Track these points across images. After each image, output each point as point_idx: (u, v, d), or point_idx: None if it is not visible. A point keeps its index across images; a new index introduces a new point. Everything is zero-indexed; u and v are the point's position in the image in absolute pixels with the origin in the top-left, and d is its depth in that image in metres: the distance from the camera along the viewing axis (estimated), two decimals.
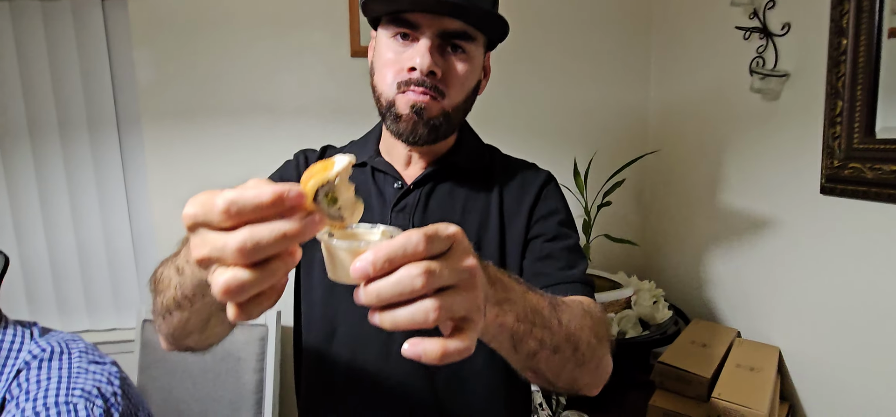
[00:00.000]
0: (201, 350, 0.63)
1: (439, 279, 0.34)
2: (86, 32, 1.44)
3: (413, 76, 0.66)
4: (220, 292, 0.32)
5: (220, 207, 0.32)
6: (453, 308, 0.35)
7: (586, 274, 0.72)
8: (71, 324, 1.54)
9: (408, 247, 0.34)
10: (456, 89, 0.68)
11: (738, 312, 1.28)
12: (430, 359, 0.35)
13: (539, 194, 0.77)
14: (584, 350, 0.56)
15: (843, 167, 0.93)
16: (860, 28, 0.88)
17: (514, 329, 0.47)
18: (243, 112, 1.47)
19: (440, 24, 0.65)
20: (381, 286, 0.34)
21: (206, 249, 0.33)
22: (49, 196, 1.49)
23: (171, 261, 0.51)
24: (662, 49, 1.57)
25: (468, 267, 0.36)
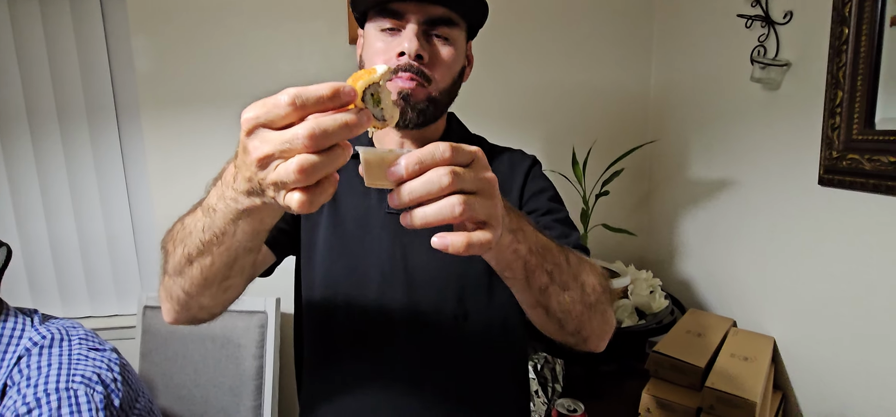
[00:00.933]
0: (209, 317, 0.63)
1: (463, 181, 0.39)
2: (83, 21, 1.43)
3: (401, 61, 0.68)
4: (295, 171, 0.35)
5: (286, 101, 0.35)
6: (475, 208, 0.39)
7: (580, 241, 0.73)
8: (73, 311, 1.55)
9: (436, 154, 0.39)
10: (442, 73, 0.70)
11: (734, 302, 1.28)
12: (455, 249, 0.39)
13: (527, 175, 0.80)
14: (591, 292, 0.58)
15: (842, 158, 0.92)
16: (863, 17, 0.87)
17: (527, 259, 0.50)
18: (242, 100, 1.45)
19: (425, 12, 0.68)
20: (413, 185, 0.38)
21: (269, 147, 0.36)
22: (49, 184, 1.49)
23: (194, 210, 0.53)
24: (664, 37, 1.55)
25: (488, 177, 0.41)
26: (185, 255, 0.54)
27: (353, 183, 0.73)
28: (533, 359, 1.17)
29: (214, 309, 0.61)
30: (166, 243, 0.59)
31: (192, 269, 0.54)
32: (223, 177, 0.47)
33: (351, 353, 0.73)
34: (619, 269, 1.40)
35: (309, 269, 0.76)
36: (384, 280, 0.72)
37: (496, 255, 0.50)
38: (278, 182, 0.37)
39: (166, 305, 0.62)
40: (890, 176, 0.83)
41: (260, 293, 1.37)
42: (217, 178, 0.49)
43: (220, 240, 0.50)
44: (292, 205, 0.37)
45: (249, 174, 0.40)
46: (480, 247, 0.40)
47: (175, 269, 0.56)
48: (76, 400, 0.87)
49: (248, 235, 0.49)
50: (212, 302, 0.59)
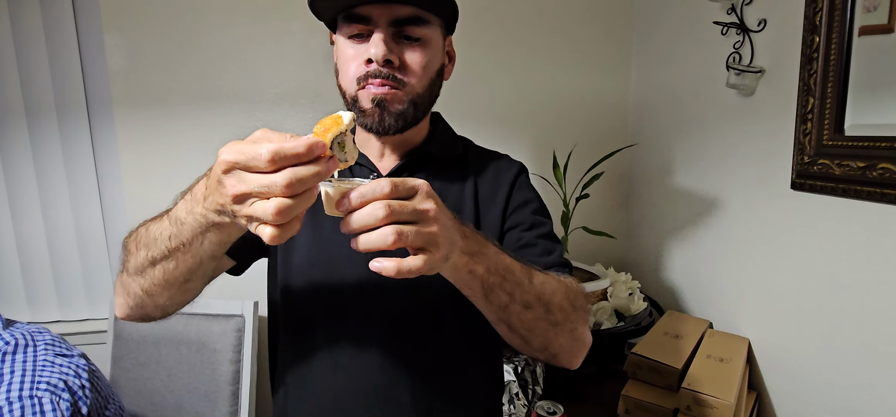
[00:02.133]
0: (162, 316, 0.66)
1: (397, 214, 0.45)
2: (53, 15, 1.39)
3: (371, 69, 0.66)
4: (273, 213, 0.41)
5: (266, 156, 0.41)
6: (408, 237, 0.45)
7: (563, 256, 0.74)
8: (41, 315, 1.50)
9: (376, 190, 0.45)
10: (415, 76, 0.68)
11: (711, 304, 1.30)
12: (388, 273, 0.45)
13: (513, 184, 0.78)
14: (556, 312, 0.60)
15: (813, 163, 0.95)
16: (832, 26, 0.90)
17: (485, 278, 0.55)
18: (220, 99, 1.44)
19: (391, 13, 0.65)
20: (356, 216, 0.45)
21: (247, 187, 0.42)
22: (15, 183, 1.44)
23: (161, 218, 0.57)
24: (643, 43, 1.57)
25: (424, 209, 0.47)
26: (149, 258, 0.57)
27: None
28: (513, 361, 1.17)
29: (169, 309, 0.64)
30: (129, 243, 0.62)
31: (154, 271, 0.57)
32: (194, 192, 0.51)
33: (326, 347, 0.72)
34: (599, 272, 1.41)
35: (286, 268, 0.75)
36: (361, 285, 0.71)
37: (452, 275, 0.54)
38: (253, 216, 0.42)
39: (120, 300, 0.64)
40: (858, 181, 0.86)
41: (238, 296, 1.35)
42: (187, 191, 0.53)
43: (186, 249, 0.53)
44: (264, 237, 0.42)
45: (223, 202, 0.44)
46: (410, 272, 0.46)
47: (136, 269, 0.59)
48: (41, 408, 0.84)
49: (215, 245, 0.53)
50: (169, 303, 0.62)
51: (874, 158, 0.82)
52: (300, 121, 1.47)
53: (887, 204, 0.82)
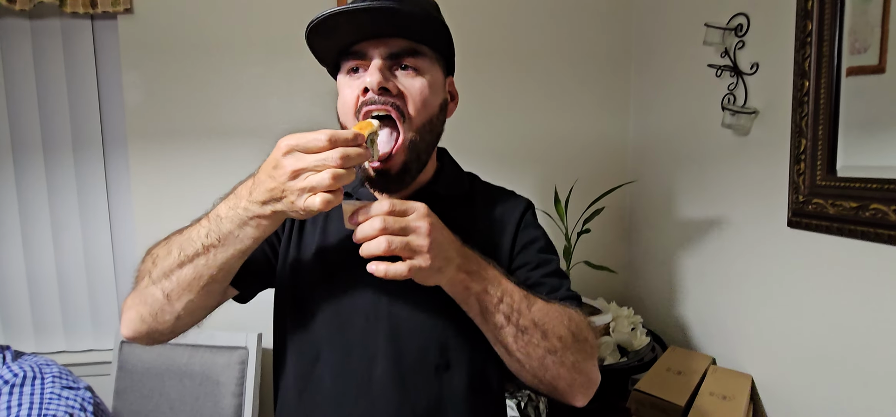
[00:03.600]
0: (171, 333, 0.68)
1: (389, 226, 0.54)
2: (74, 52, 1.45)
3: (367, 97, 0.66)
4: (330, 177, 0.52)
5: (324, 138, 0.52)
6: (398, 247, 0.54)
7: (570, 289, 0.75)
8: (47, 345, 1.51)
9: (378, 207, 0.55)
10: (416, 104, 0.67)
11: (713, 340, 1.30)
12: (378, 274, 0.55)
13: (519, 223, 0.79)
14: (555, 341, 0.62)
15: (808, 202, 0.97)
16: (821, 71, 0.94)
17: (480, 296, 0.61)
18: (230, 135, 1.48)
19: (386, 47, 0.67)
20: (360, 228, 0.55)
21: (304, 163, 0.53)
22: (30, 215, 1.47)
23: (197, 222, 0.63)
24: (641, 83, 1.62)
25: (416, 225, 0.56)
26: (179, 259, 0.62)
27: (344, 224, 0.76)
28: (516, 396, 1.17)
29: (183, 318, 0.66)
30: (156, 249, 0.67)
31: (181, 272, 0.62)
32: (237, 192, 0.61)
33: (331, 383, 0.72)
34: (601, 306, 1.42)
35: (292, 303, 0.76)
36: (368, 323, 0.71)
37: (450, 289, 0.61)
38: (307, 187, 0.53)
39: (132, 313, 0.66)
40: (852, 220, 0.88)
41: (241, 328, 1.36)
42: (228, 194, 0.62)
43: (222, 243, 0.60)
44: (316, 205, 0.52)
45: (274, 184, 0.54)
46: (397, 276, 0.55)
47: (162, 273, 0.63)
48: None
49: (249, 241, 0.60)
50: (184, 311, 0.65)
51: (866, 199, 0.85)
52: None
53: (881, 243, 0.84)
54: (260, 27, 1.47)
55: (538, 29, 1.60)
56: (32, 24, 1.42)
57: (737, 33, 1.18)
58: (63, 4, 1.36)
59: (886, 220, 0.81)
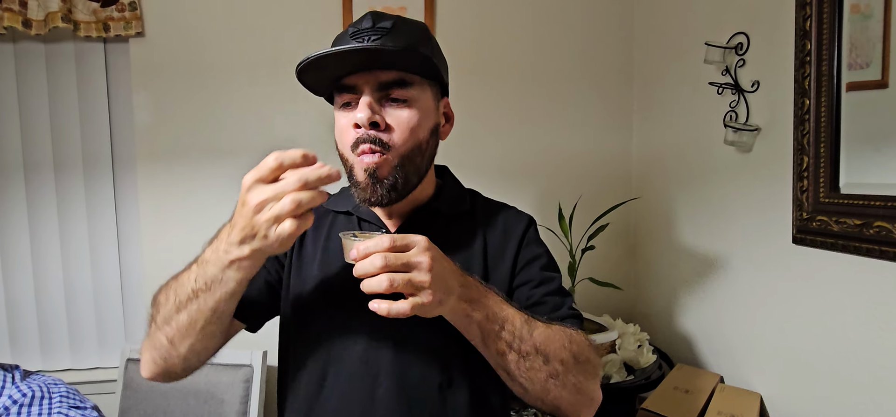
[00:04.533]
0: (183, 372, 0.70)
1: (390, 264, 0.54)
2: (87, 75, 1.49)
3: (360, 134, 0.68)
4: (289, 203, 0.51)
5: (271, 163, 0.53)
6: (398, 283, 0.54)
7: (573, 308, 0.75)
8: (53, 363, 1.52)
9: (378, 244, 0.55)
10: (402, 136, 0.69)
11: (721, 357, 1.29)
12: (380, 313, 0.55)
13: (522, 240, 0.79)
14: (556, 364, 0.63)
15: (812, 219, 0.97)
16: (821, 89, 0.94)
17: (482, 324, 0.62)
18: (238, 153, 1.51)
19: (376, 78, 0.68)
20: (359, 265, 0.55)
21: (263, 194, 0.53)
22: (40, 234, 1.49)
23: (188, 268, 0.64)
24: (644, 101, 1.64)
25: (417, 261, 0.56)
26: (176, 305, 0.63)
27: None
28: (522, 414, 1.16)
29: (191, 360, 0.68)
30: (159, 297, 0.67)
31: (179, 317, 0.63)
32: (219, 236, 0.60)
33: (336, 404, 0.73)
34: (607, 323, 1.41)
35: (297, 327, 0.76)
36: (371, 343, 0.72)
37: (451, 318, 0.61)
38: (272, 217, 0.52)
39: (146, 356, 0.69)
40: (856, 237, 0.88)
41: (246, 346, 1.36)
42: (212, 240, 0.62)
43: (208, 288, 0.61)
44: (285, 231, 0.52)
45: (245, 222, 0.54)
46: (399, 314, 0.55)
47: (164, 319, 0.65)
48: None
49: (234, 284, 0.60)
50: (190, 353, 0.66)
51: (870, 216, 0.85)
52: None
53: (886, 260, 0.83)
54: (265, 48, 1.50)
55: (541, 48, 1.62)
56: (47, 47, 1.46)
57: (737, 52, 1.19)
58: (77, 29, 1.40)
59: (891, 238, 0.81)
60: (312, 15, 1.52)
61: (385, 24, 0.68)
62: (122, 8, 1.42)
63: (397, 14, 0.72)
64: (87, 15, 1.40)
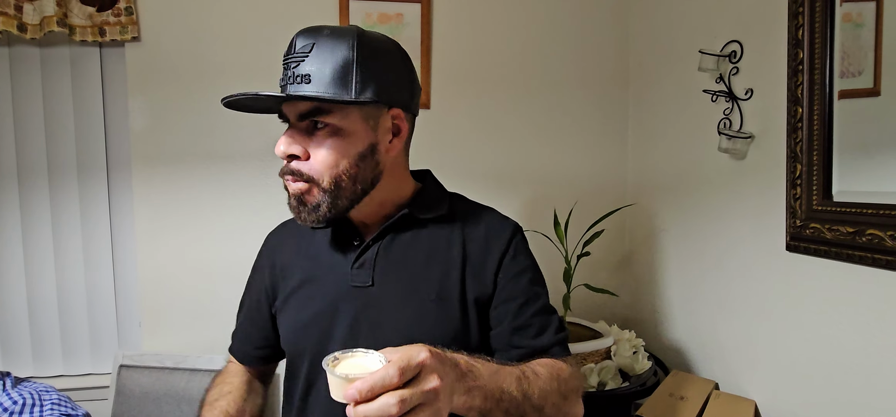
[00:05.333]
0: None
1: (409, 403, 0.47)
2: (82, 79, 1.48)
3: (284, 165, 0.71)
4: None
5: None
6: (411, 413, 0.48)
7: (558, 331, 0.75)
8: (45, 369, 1.50)
9: (386, 381, 0.47)
10: (320, 166, 0.69)
11: (715, 364, 1.29)
12: None
13: (507, 249, 0.77)
14: (550, 410, 0.65)
15: (805, 227, 0.98)
16: (813, 97, 0.95)
17: (482, 407, 0.59)
18: (234, 157, 1.50)
19: (295, 109, 0.70)
20: (366, 409, 0.47)
21: None
22: (33, 239, 1.48)
23: None
24: (638, 108, 1.64)
25: (433, 388, 0.50)
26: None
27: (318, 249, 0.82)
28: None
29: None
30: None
31: None
32: None
33: None
34: (603, 329, 1.41)
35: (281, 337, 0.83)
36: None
37: (453, 412, 0.58)
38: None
39: None
40: (849, 245, 0.88)
41: None
42: None
43: None
44: None
45: None
46: None
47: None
48: None
49: None
50: None
51: (862, 224, 0.85)
52: None
53: (879, 268, 0.84)
54: (261, 52, 1.50)
55: (536, 55, 1.63)
56: (42, 52, 1.46)
57: (731, 60, 1.20)
58: (72, 33, 1.39)
59: (883, 246, 0.82)
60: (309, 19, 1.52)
61: (305, 49, 0.68)
62: (119, 12, 1.42)
63: (330, 25, 0.71)
64: (83, 19, 1.40)
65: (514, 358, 0.72)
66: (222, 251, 1.49)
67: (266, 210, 1.50)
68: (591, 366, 1.26)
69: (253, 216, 1.50)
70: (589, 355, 1.29)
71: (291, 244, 0.85)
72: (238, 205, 1.50)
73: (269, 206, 1.49)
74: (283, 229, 0.90)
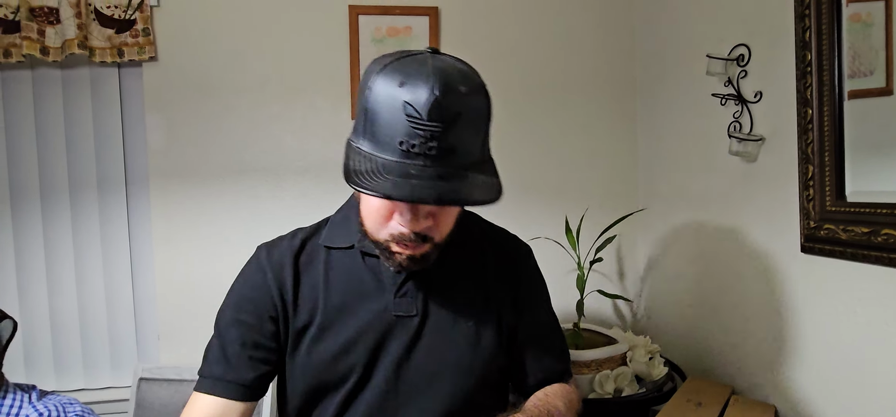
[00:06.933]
0: None
1: None
2: (101, 99, 1.53)
3: (403, 232, 0.65)
4: None
5: None
6: None
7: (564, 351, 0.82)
8: (67, 383, 1.53)
9: None
10: (446, 227, 0.68)
11: (732, 368, 1.28)
12: None
13: (526, 274, 0.81)
14: None
15: (819, 228, 0.97)
16: (823, 98, 0.95)
17: None
18: (249, 172, 1.53)
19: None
20: None
21: None
22: (55, 254, 1.52)
23: None
24: (647, 113, 1.65)
25: None
26: None
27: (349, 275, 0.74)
28: None
29: None
30: None
31: None
32: None
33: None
34: (617, 336, 1.41)
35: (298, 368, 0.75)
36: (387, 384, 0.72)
37: None
38: None
39: None
40: (864, 245, 0.88)
41: None
42: None
43: None
44: None
45: None
46: None
47: None
48: None
49: None
50: None
51: (877, 224, 0.85)
52: (322, 192, 1.55)
53: (895, 268, 0.83)
54: (273, 69, 1.54)
55: (544, 63, 1.65)
56: (63, 73, 1.50)
57: (739, 63, 1.21)
58: (92, 55, 1.44)
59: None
60: (319, 35, 1.56)
61: (447, 116, 0.57)
62: (136, 34, 1.47)
63: (458, 68, 0.64)
64: (103, 41, 1.45)
65: (532, 384, 0.77)
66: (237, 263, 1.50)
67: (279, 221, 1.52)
68: (607, 373, 1.26)
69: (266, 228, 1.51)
70: (604, 361, 1.28)
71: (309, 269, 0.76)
72: (252, 218, 1.52)
73: (280, 218, 1.52)
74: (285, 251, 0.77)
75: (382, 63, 0.61)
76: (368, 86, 0.60)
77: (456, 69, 0.62)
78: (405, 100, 0.56)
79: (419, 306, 0.73)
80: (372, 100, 0.59)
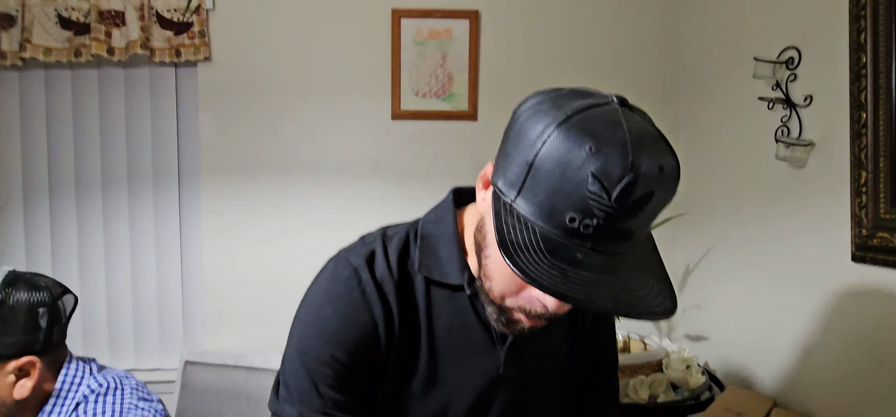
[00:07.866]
0: None
1: None
2: (159, 96, 1.63)
3: (542, 315, 0.56)
4: None
5: None
6: None
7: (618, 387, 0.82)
8: (118, 361, 1.63)
9: None
10: None
11: (774, 380, 1.24)
12: None
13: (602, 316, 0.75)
14: None
15: (872, 236, 0.94)
16: (878, 103, 0.92)
17: None
18: (292, 169, 1.60)
19: None
20: None
21: None
22: (112, 241, 1.63)
23: None
24: (690, 117, 1.62)
25: None
26: None
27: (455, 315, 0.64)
28: None
29: None
30: None
31: None
32: None
33: None
34: (654, 342, 1.39)
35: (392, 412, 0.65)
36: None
37: None
38: None
39: None
40: None
41: None
42: None
43: None
44: None
45: None
46: None
47: None
48: None
49: None
50: None
51: None
52: (360, 189, 1.60)
53: None
54: (318, 71, 1.60)
55: (585, 65, 1.64)
56: (126, 72, 1.61)
57: (788, 66, 1.17)
58: (153, 55, 1.54)
59: None
60: (362, 38, 1.61)
61: (623, 228, 0.47)
62: (193, 36, 1.56)
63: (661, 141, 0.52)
64: (162, 42, 1.55)
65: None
66: (280, 255, 1.58)
67: (319, 216, 1.59)
68: (642, 379, 1.24)
69: (307, 223, 1.59)
70: (640, 367, 1.27)
71: (409, 300, 0.64)
72: (294, 212, 1.59)
73: (321, 213, 1.58)
74: (385, 274, 0.63)
75: (564, 110, 0.48)
76: (542, 137, 0.47)
77: (650, 135, 0.50)
78: (593, 173, 0.44)
79: (524, 363, 0.67)
80: (544, 157, 0.46)
